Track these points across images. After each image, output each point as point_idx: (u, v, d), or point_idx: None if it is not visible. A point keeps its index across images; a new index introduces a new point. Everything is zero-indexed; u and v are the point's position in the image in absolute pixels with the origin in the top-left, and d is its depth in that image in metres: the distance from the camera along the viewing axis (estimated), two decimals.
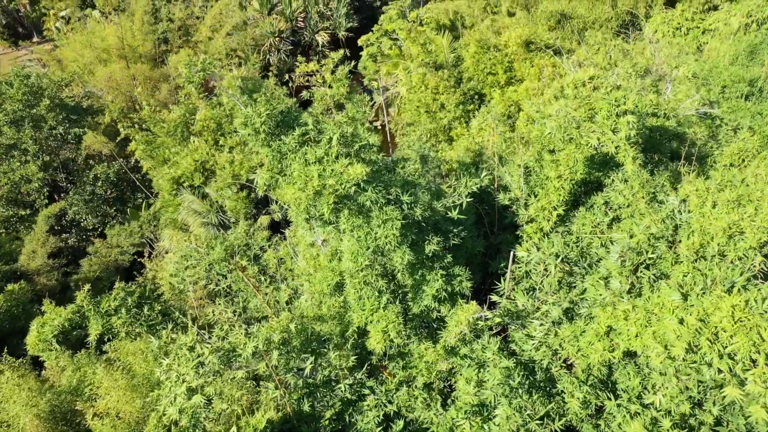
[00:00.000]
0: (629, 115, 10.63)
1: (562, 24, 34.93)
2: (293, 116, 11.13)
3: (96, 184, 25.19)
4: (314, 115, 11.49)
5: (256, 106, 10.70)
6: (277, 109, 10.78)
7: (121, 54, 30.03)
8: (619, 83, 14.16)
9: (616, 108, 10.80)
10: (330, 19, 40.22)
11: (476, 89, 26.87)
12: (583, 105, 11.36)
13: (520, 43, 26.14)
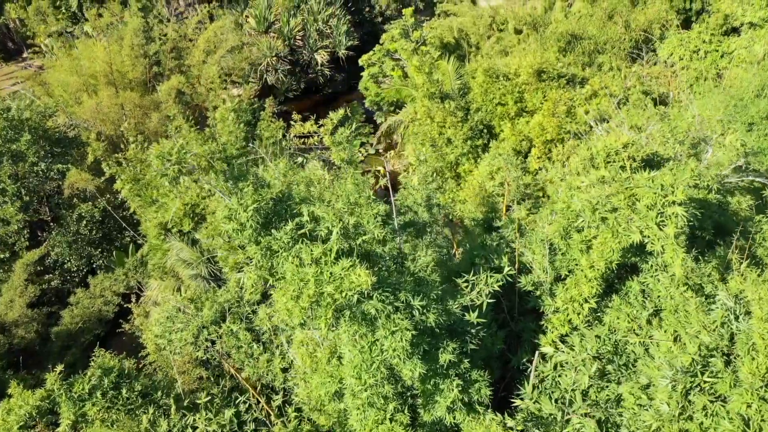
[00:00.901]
0: (678, 207, 9.07)
1: (572, 45, 33.39)
2: (286, 205, 9.58)
3: (80, 224, 23.66)
4: (311, 198, 9.94)
5: (241, 196, 9.15)
6: (266, 199, 9.23)
7: (110, 80, 28.51)
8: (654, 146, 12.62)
9: (663, 198, 9.24)
10: (330, 37, 38.71)
11: (484, 121, 25.33)
12: (621, 191, 9.81)
13: (532, 73, 24.60)
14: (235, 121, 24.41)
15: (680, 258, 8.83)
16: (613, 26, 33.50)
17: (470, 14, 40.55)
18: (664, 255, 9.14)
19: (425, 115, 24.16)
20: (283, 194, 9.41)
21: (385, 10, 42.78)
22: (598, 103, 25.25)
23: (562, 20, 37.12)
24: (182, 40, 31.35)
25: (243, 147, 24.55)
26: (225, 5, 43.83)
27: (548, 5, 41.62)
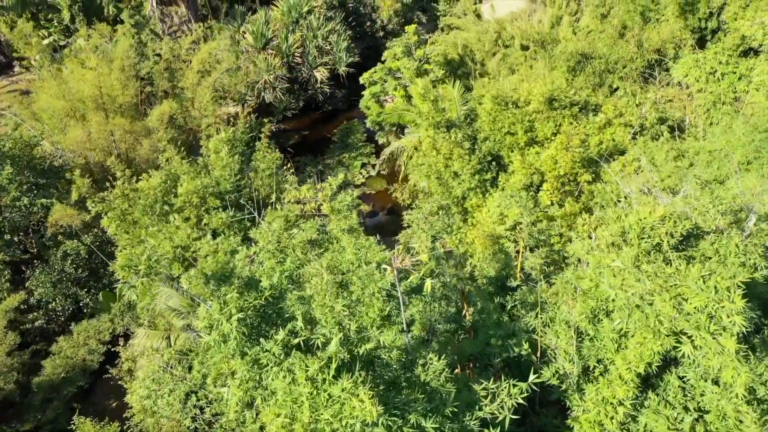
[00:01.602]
0: (737, 316, 7.74)
1: (582, 65, 32.05)
2: (277, 308, 8.25)
3: (65, 262, 22.35)
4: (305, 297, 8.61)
5: (224, 302, 7.82)
6: (253, 304, 7.90)
7: (99, 105, 27.18)
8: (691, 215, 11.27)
9: (718, 305, 7.91)
10: (329, 53, 37.36)
11: (492, 151, 24.00)
12: (664, 288, 8.48)
13: (543, 101, 23.28)
14: (229, 153, 23.15)
15: (743, 379, 7.49)
16: (624, 45, 32.15)
17: (475, 29, 39.23)
18: (721, 376, 7.81)
19: (430, 147, 22.83)
20: (273, 296, 8.07)
21: (387, 25, 41.43)
22: (612, 133, 23.93)
23: (571, 38, 35.77)
24: (176, 60, 30.02)
25: (237, 180, 23.30)
26: (222, 20, 42.50)
27: (555, 20, 40.29)
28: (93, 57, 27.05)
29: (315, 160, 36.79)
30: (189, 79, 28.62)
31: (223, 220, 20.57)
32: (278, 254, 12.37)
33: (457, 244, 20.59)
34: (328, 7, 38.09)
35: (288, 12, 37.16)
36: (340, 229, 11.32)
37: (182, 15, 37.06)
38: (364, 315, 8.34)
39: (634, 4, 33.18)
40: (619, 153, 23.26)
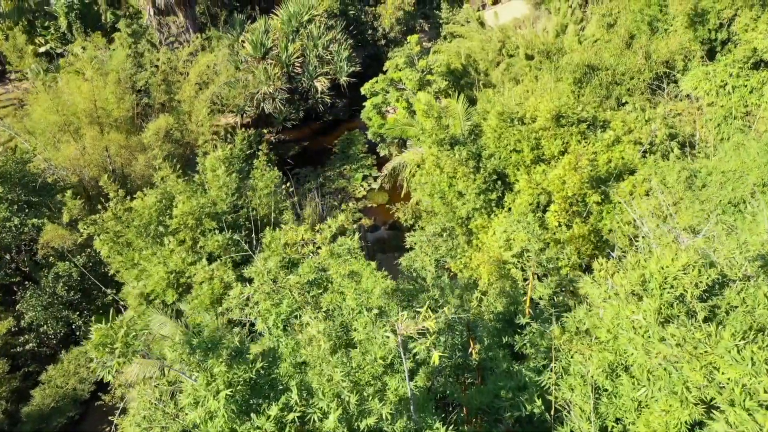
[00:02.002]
0: None
1: (588, 77, 31.32)
2: (269, 379, 7.54)
3: (57, 284, 21.66)
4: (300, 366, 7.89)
5: (211, 376, 7.11)
6: (243, 378, 7.19)
7: (93, 119, 26.52)
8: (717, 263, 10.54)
9: (755, 378, 7.19)
10: (330, 63, 36.65)
11: (498, 168, 23.28)
12: (694, 355, 7.75)
13: (550, 118, 22.56)
14: (226, 171, 22.46)
15: None
16: (632, 56, 31.42)
17: (478, 38, 38.52)
18: None
19: (433, 165, 22.12)
20: (265, 368, 7.36)
21: (389, 33, 40.72)
22: (621, 151, 23.20)
23: (577, 47, 35.05)
24: (173, 72, 29.34)
25: (235, 199, 22.61)
26: (221, 28, 41.83)
27: (560, 29, 39.57)
28: (88, 69, 26.34)
29: (315, 171, 36.09)
30: (186, 92, 27.94)
31: (219, 243, 19.85)
32: (274, 295, 11.65)
33: (461, 269, 19.86)
34: (328, 15, 37.40)
35: (288, 21, 36.47)
36: (341, 275, 10.60)
37: (180, 24, 36.40)
38: (364, 384, 7.63)
39: (642, 14, 32.45)
40: (629, 172, 22.54)
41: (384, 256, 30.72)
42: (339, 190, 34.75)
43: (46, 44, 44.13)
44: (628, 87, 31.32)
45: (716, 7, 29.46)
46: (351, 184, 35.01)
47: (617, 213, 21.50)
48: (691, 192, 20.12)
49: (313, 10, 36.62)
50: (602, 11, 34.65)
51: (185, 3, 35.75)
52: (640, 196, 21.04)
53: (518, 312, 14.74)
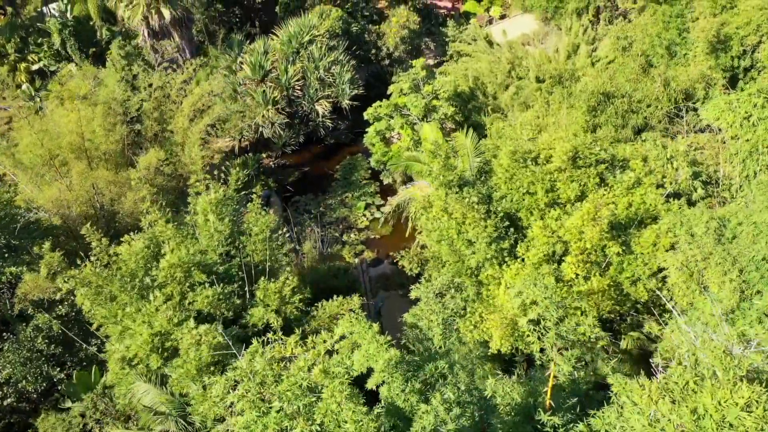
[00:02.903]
0: None
1: (603, 105, 29.74)
2: None
3: (36, 338, 20.19)
4: None
5: None
6: None
7: (81, 153, 25.12)
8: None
9: None
10: (332, 86, 35.14)
11: (510, 211, 21.73)
12: None
13: (566, 160, 20.99)
14: (218, 216, 20.97)
15: None
16: (649, 83, 29.82)
17: (486, 59, 36.97)
18: None
19: (441, 210, 20.56)
20: None
21: (393, 52, 39.15)
22: (642, 194, 21.58)
23: (590, 70, 33.45)
24: (166, 101, 27.86)
25: (228, 245, 21.11)
26: (219, 46, 40.39)
27: (572, 49, 38.01)
28: (76, 99, 24.95)
29: (316, 199, 34.57)
30: (179, 123, 26.46)
31: (209, 298, 18.36)
32: (261, 404, 10.11)
33: (471, 329, 18.30)
34: (330, 35, 35.88)
35: (288, 42, 34.98)
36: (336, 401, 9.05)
37: (176, 45, 34.93)
38: None
39: (660, 38, 30.86)
40: (651, 218, 20.94)
41: (387, 294, 29.22)
42: (340, 220, 33.22)
43: (39, 62, 42.72)
44: (645, 115, 29.74)
45: (740, 33, 27.85)
46: (353, 213, 33.47)
47: (640, 265, 19.93)
48: (721, 246, 18.52)
49: (314, 30, 35.12)
50: (617, 33, 33.03)
51: (181, 24, 34.30)
52: (665, 249, 19.45)
53: (537, 404, 13.18)
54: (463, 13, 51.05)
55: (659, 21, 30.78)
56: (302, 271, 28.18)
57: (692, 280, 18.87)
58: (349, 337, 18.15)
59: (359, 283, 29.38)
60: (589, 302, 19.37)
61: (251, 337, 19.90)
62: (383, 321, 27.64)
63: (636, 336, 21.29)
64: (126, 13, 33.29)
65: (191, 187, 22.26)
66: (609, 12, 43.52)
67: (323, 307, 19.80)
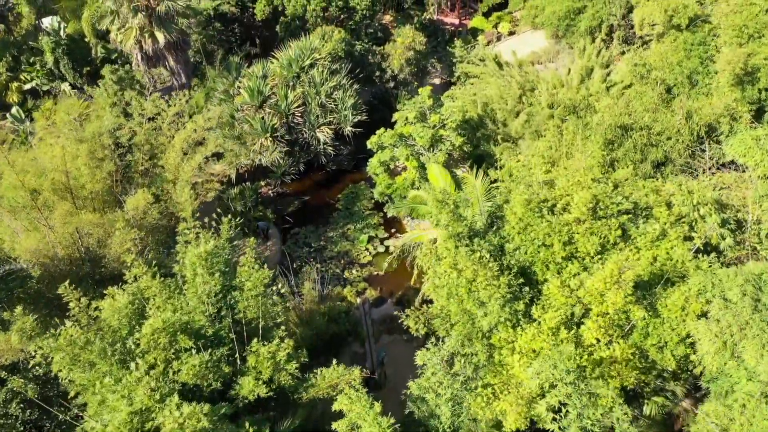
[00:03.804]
0: None
1: (622, 139, 28.06)
2: None
3: (10, 405, 18.64)
4: None
5: None
6: None
7: (65, 192, 23.59)
8: None
9: None
10: (334, 112, 33.53)
11: (523, 265, 20.07)
12: None
13: (586, 211, 19.32)
14: (208, 270, 19.38)
15: None
16: (670, 115, 28.12)
17: (496, 83, 35.30)
18: None
19: (450, 266, 18.91)
20: None
21: (398, 74, 37.49)
22: (669, 249, 19.87)
23: (605, 95, 31.71)
24: (157, 133, 26.27)
25: (218, 301, 19.52)
26: (217, 67, 38.86)
27: (585, 73, 36.32)
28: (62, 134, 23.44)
29: (316, 231, 32.94)
30: (170, 160, 24.89)
31: (196, 368, 16.75)
32: None
33: (483, 407, 16.62)
34: (332, 59, 34.26)
35: (288, 66, 33.38)
36: None
37: (171, 68, 33.36)
38: None
39: (681, 67, 29.16)
40: (679, 276, 19.23)
41: (390, 338, 27.59)
42: (342, 254, 31.57)
43: (32, 81, 41.27)
44: (665, 149, 28.04)
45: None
46: (355, 247, 31.83)
47: (667, 330, 18.25)
48: (758, 315, 16.80)
49: (315, 53, 33.48)
50: (634, 59, 31.31)
51: (176, 48, 32.72)
52: (695, 315, 17.76)
53: None
54: (470, 29, 49.46)
55: (680, 49, 29.09)
56: (301, 314, 26.60)
57: (726, 348, 17.21)
58: (348, 414, 16.64)
59: (361, 326, 27.79)
60: (611, 372, 17.70)
61: (241, 412, 18.40)
62: (386, 372, 26.07)
63: (660, 402, 19.59)
64: (118, 37, 31.74)
65: (180, 234, 20.73)
66: (623, 31, 41.86)
67: (321, 375, 18.17)
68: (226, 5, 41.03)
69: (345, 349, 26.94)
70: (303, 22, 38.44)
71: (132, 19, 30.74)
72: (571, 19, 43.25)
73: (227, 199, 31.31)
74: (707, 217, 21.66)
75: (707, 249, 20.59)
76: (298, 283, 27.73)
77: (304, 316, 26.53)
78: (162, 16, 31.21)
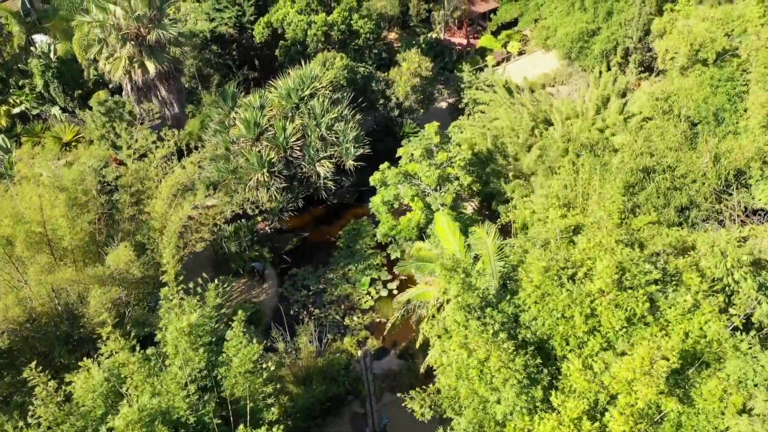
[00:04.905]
0: None
1: (645, 182, 26.13)
2: None
3: None
4: None
5: None
6: None
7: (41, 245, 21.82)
8: None
9: None
10: (335, 145, 31.66)
11: (540, 338, 18.15)
12: None
13: (611, 283, 17.37)
14: (192, 345, 17.60)
15: None
16: (695, 156, 26.15)
17: (507, 115, 33.33)
18: None
19: (460, 345, 17.00)
20: None
21: (403, 102, 35.59)
22: (702, 324, 17.89)
23: (625, 137, 29.67)
24: (144, 176, 24.45)
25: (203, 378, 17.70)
26: (213, 92, 37.07)
27: (601, 102, 34.33)
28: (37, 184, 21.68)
29: (315, 273, 31.05)
30: (157, 208, 23.07)
31: None
32: None
33: None
34: (334, 87, 32.39)
35: (287, 96, 31.52)
36: None
37: (163, 99, 31.53)
38: None
39: (706, 104, 27.17)
40: (715, 357, 17.28)
41: (394, 397, 25.61)
42: (342, 299, 29.68)
43: (21, 104, 39.54)
44: (689, 193, 26.08)
45: None
46: (356, 291, 29.95)
47: (702, 422, 16.32)
48: None
49: (316, 83, 31.60)
50: (655, 93, 29.31)
51: (167, 77, 30.91)
52: (736, 408, 15.81)
53: None
54: (478, 49, 47.51)
55: (706, 84, 27.10)
56: (297, 372, 24.74)
57: None
58: None
59: (362, 383, 25.90)
60: None
61: None
62: None
63: None
64: (107, 66, 29.94)
65: (163, 299, 18.98)
66: (640, 54, 39.87)
67: None
68: (224, 27, 39.20)
69: (344, 409, 25.08)
70: (303, 47, 36.59)
71: (120, 49, 28.92)
72: (584, 41, 41.33)
73: (221, 239, 29.48)
74: (742, 282, 19.67)
75: (748, 321, 18.59)
76: (294, 334, 25.86)
77: (300, 374, 24.68)
78: (152, 45, 29.40)
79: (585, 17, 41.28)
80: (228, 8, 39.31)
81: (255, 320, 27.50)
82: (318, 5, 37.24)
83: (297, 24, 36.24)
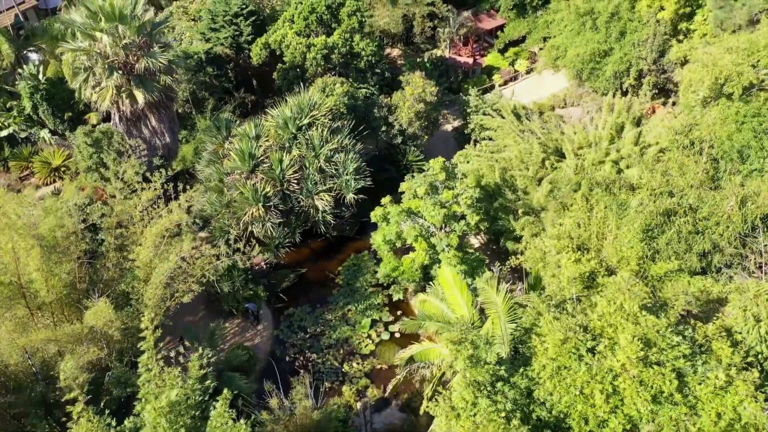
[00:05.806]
0: None
1: (665, 226, 24.40)
2: None
3: None
4: None
5: None
6: None
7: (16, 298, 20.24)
8: None
9: None
10: (334, 177, 30.01)
11: (556, 417, 16.47)
12: None
13: (635, 361, 15.68)
14: (171, 426, 15.97)
15: None
16: (720, 198, 24.40)
17: (516, 146, 31.61)
18: None
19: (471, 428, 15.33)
20: None
21: (406, 129, 33.91)
22: (736, 403, 16.19)
23: (641, 171, 27.91)
24: (129, 221, 22.86)
25: None
26: (209, 116, 35.45)
27: (615, 131, 32.61)
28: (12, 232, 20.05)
29: (313, 313, 29.36)
30: (142, 256, 21.46)
31: None
32: None
33: None
34: (333, 116, 30.75)
35: (284, 126, 29.89)
36: None
37: (154, 128, 29.89)
38: None
39: (731, 141, 25.45)
40: None
41: None
42: (341, 342, 28.00)
43: (9, 127, 38.01)
44: (712, 237, 24.34)
45: None
46: (356, 334, 28.27)
47: None
48: None
49: (315, 111, 29.96)
50: (677, 128, 27.55)
51: (158, 106, 29.30)
52: None
53: None
54: (485, 67, 45.80)
55: (731, 120, 25.37)
56: (292, 430, 23.08)
57: None
58: None
59: None
60: None
61: None
62: None
63: None
64: (93, 96, 28.35)
65: (140, 365, 17.38)
66: (654, 76, 38.10)
67: None
68: (220, 47, 37.57)
69: None
70: (302, 71, 34.93)
71: (107, 79, 27.31)
72: (596, 62, 39.58)
73: (213, 280, 27.79)
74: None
75: None
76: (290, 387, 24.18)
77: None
78: (141, 74, 27.79)
79: (597, 37, 39.50)
80: (224, 28, 37.71)
81: (248, 368, 25.86)
82: (318, 26, 35.58)
83: (295, 47, 34.59)
